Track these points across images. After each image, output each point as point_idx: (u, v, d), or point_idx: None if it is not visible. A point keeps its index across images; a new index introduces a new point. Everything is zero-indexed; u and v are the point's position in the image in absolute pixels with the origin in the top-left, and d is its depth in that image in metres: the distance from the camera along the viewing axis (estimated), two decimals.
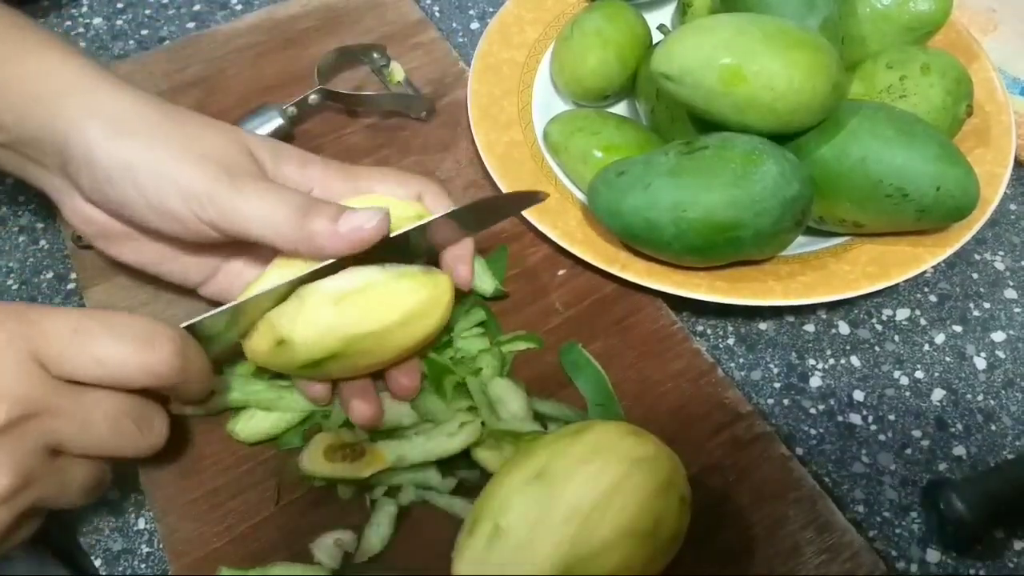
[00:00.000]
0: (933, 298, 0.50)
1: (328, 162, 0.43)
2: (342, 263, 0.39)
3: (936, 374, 0.47)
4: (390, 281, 0.39)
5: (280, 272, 0.39)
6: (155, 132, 0.39)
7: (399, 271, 0.39)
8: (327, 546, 0.39)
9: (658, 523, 0.33)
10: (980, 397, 0.46)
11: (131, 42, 0.65)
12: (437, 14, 0.66)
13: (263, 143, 0.42)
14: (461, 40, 0.64)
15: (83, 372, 0.33)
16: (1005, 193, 0.49)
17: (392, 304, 0.38)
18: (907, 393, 0.46)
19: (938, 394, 0.46)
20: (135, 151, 0.38)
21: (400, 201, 0.42)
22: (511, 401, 0.42)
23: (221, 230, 0.38)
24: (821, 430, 0.45)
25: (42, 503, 0.33)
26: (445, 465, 0.41)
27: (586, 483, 0.33)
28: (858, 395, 0.46)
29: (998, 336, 0.48)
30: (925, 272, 0.47)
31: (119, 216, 0.41)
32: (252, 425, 0.42)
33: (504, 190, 0.49)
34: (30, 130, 0.39)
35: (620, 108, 0.57)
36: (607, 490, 0.33)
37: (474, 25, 0.65)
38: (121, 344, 0.33)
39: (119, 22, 0.66)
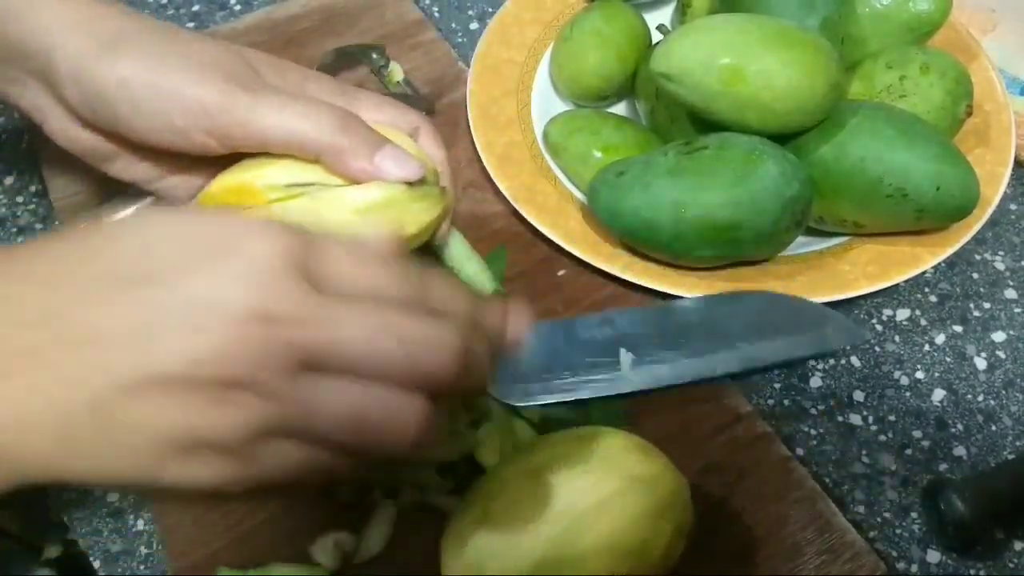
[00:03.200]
0: (933, 298, 0.49)
1: (325, 79, 0.41)
2: None
3: (936, 374, 0.46)
4: None
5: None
6: (147, 44, 0.36)
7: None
8: (327, 547, 0.39)
9: (645, 546, 0.33)
10: (980, 397, 0.46)
11: None
12: (436, 14, 0.66)
13: (260, 56, 0.40)
14: (460, 40, 0.64)
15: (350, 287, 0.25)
16: (1005, 193, 0.49)
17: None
18: (907, 393, 0.46)
19: (938, 394, 0.46)
20: (128, 66, 0.35)
21: (399, 134, 0.41)
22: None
23: (233, 142, 0.36)
24: (821, 430, 0.45)
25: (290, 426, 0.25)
26: (444, 465, 0.41)
27: (579, 491, 0.33)
28: (858, 395, 0.46)
29: (998, 336, 0.48)
30: (925, 272, 0.47)
31: (111, 133, 0.37)
32: None
33: (504, 190, 0.49)
34: (6, 47, 0.36)
35: (620, 108, 0.57)
36: (597, 503, 0.32)
37: (473, 25, 0.65)
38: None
39: None
